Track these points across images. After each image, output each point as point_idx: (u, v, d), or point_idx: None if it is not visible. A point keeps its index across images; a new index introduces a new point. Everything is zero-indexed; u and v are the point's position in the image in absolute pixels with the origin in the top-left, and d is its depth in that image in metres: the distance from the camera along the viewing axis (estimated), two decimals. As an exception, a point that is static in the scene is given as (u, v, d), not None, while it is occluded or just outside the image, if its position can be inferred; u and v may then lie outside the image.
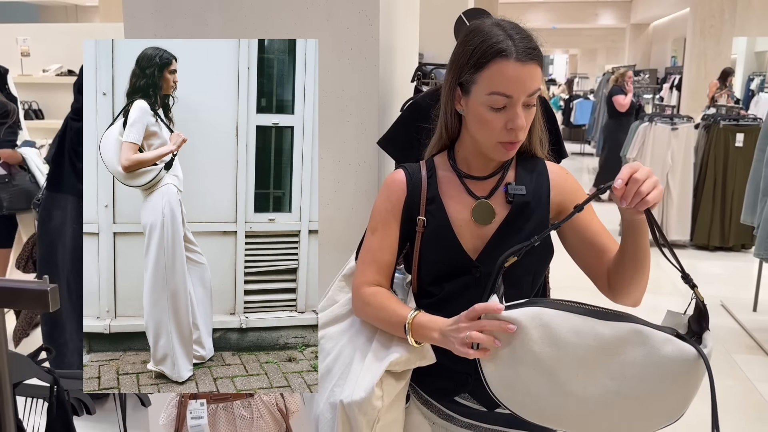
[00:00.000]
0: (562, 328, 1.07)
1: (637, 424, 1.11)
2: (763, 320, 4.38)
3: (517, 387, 1.11)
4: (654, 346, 1.05)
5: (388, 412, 1.27)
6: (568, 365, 1.07)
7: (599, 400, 1.08)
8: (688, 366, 1.05)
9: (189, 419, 1.70)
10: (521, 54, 1.18)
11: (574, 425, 1.13)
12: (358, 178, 1.99)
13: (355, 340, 1.36)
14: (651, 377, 1.06)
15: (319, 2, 1.91)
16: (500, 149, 1.25)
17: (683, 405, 1.09)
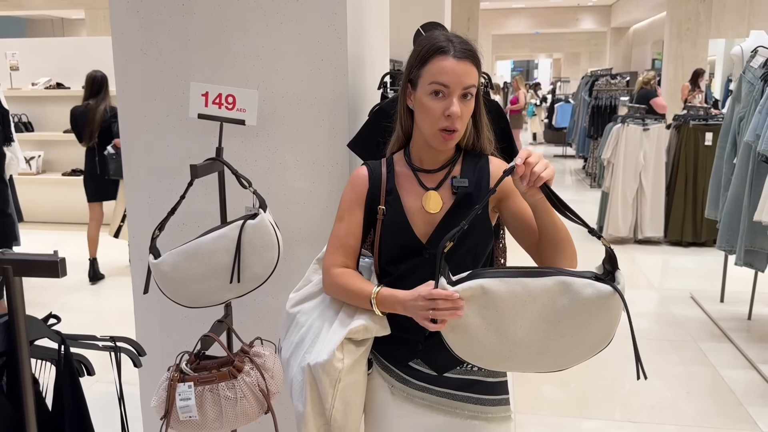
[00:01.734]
0: (501, 292, 1.26)
1: (576, 354, 1.31)
2: (729, 310, 4.58)
3: (474, 346, 1.29)
4: (577, 292, 1.24)
5: (348, 374, 1.45)
6: (511, 320, 1.26)
7: (542, 342, 1.27)
8: (606, 301, 1.24)
9: (178, 401, 1.84)
10: (458, 53, 1.40)
11: (527, 365, 1.33)
12: (330, 178, 2.16)
13: (324, 313, 1.55)
14: (579, 317, 1.25)
15: (291, 18, 2.08)
16: (440, 137, 1.44)
17: (610, 332, 1.30)
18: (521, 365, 1.34)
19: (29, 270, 0.96)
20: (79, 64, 7.40)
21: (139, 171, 2.26)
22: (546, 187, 1.29)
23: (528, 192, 1.31)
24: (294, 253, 2.17)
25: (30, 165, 7.21)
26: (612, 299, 1.25)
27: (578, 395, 3.47)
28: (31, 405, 1.00)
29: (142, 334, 2.33)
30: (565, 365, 1.33)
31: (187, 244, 1.83)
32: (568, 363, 1.32)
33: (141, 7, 2.15)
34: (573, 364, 1.33)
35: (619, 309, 1.26)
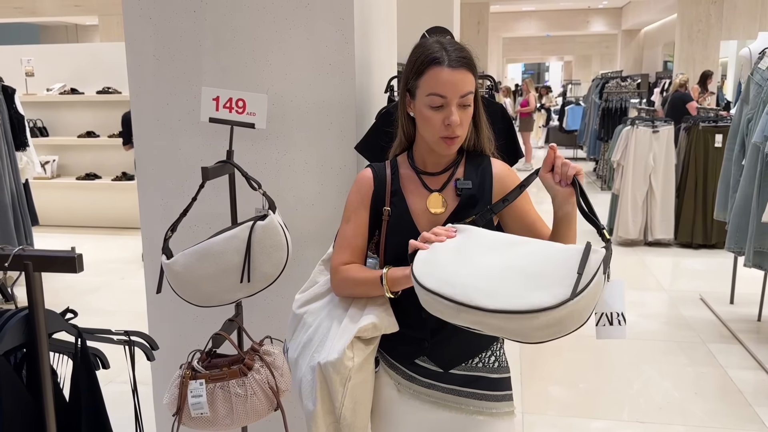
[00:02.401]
0: (484, 232, 1.35)
1: (512, 293, 1.18)
2: (738, 312, 4.58)
3: (433, 264, 1.30)
4: (551, 245, 1.29)
5: (358, 372, 1.49)
6: (479, 251, 1.30)
7: (489, 270, 1.24)
8: (574, 251, 1.21)
9: (190, 398, 1.89)
10: (453, 62, 1.43)
11: (459, 285, 1.23)
12: (338, 180, 2.21)
13: (332, 313, 1.59)
14: (537, 257, 1.25)
15: (300, 24, 2.13)
16: (442, 144, 1.48)
17: (561, 285, 1.16)
18: (474, 297, 1.20)
19: (48, 265, 1.01)
20: (93, 70, 7.51)
21: (152, 173, 2.31)
22: (577, 183, 1.34)
23: (560, 194, 1.37)
24: (303, 253, 2.21)
25: (45, 169, 7.31)
26: (580, 248, 1.20)
27: (586, 395, 3.49)
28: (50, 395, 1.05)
29: (155, 332, 2.38)
30: (502, 305, 1.17)
31: (199, 245, 1.88)
32: (505, 303, 1.17)
33: (153, 14, 2.21)
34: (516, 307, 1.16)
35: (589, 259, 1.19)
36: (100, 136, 7.48)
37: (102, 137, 7.46)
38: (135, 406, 1.50)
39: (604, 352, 4.04)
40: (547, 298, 1.15)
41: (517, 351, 3.97)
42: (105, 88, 7.41)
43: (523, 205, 1.53)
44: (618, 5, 18.03)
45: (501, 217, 1.56)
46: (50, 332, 1.16)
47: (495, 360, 1.60)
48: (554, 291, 1.16)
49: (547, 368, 3.84)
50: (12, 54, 7.53)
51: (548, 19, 19.28)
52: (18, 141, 5.42)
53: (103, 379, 1.43)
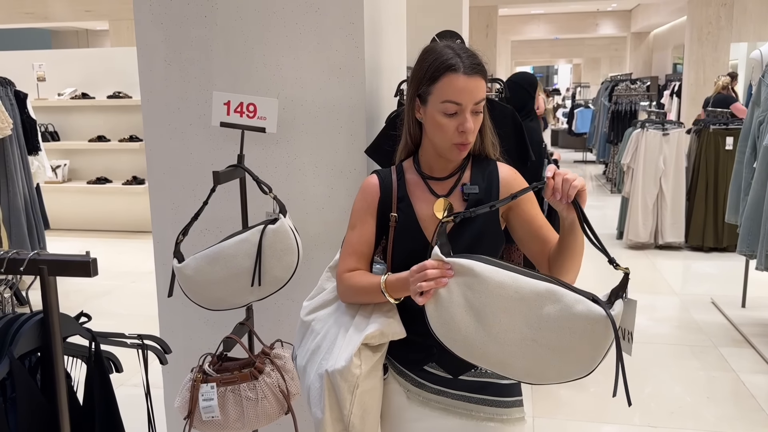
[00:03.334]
0: (490, 279, 1.25)
1: (551, 373, 1.26)
2: (750, 315, 4.54)
3: (451, 325, 1.26)
4: (567, 304, 1.21)
5: (366, 380, 1.48)
6: (492, 311, 1.24)
7: (518, 345, 1.25)
8: (595, 324, 1.20)
9: (201, 401, 1.89)
10: (468, 69, 1.42)
11: (496, 364, 1.28)
12: (349, 184, 2.21)
13: (340, 320, 1.58)
14: (563, 331, 1.22)
15: (310, 28, 2.14)
16: (454, 150, 1.48)
17: (592, 361, 1.25)
18: (490, 362, 1.29)
19: (63, 269, 1.02)
20: (104, 75, 7.56)
21: (163, 177, 2.33)
22: (577, 205, 1.29)
23: (565, 209, 1.32)
24: (313, 257, 2.21)
25: (56, 173, 7.36)
26: (601, 324, 1.19)
27: (597, 400, 3.47)
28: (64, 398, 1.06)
29: (166, 336, 2.39)
30: (537, 380, 1.28)
31: (210, 249, 1.89)
32: (540, 378, 1.28)
33: (165, 19, 2.22)
34: (545, 381, 1.28)
35: (607, 338, 1.21)
36: (110, 140, 7.53)
37: (113, 141, 7.50)
38: (148, 409, 1.50)
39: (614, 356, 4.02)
40: (580, 372, 1.27)
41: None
42: (116, 93, 7.45)
43: (530, 209, 1.53)
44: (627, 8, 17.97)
45: (508, 221, 1.55)
46: (65, 336, 1.16)
47: None
48: (585, 366, 1.26)
49: (557, 372, 3.82)
50: (24, 59, 7.59)
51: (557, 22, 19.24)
52: (30, 145, 5.46)
53: (115, 383, 1.44)
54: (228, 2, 2.17)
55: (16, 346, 1.07)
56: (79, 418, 1.22)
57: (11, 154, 5.00)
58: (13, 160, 5.02)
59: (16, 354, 1.07)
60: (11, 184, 4.98)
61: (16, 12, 12.85)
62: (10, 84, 5.45)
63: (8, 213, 4.96)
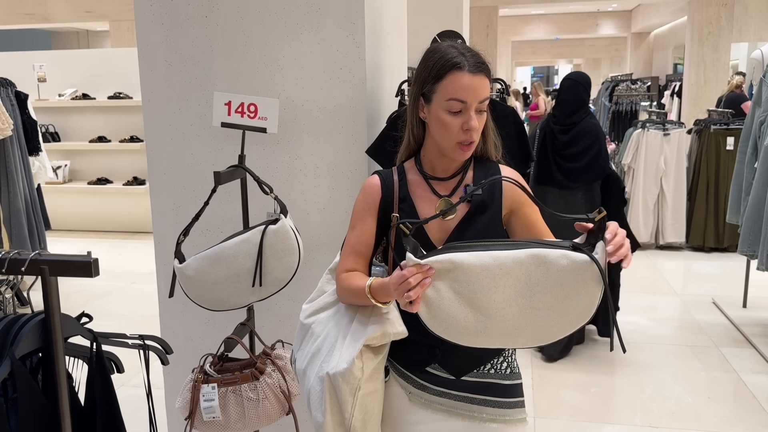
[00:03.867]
0: (471, 265, 1.25)
1: (556, 329, 1.28)
2: (751, 316, 4.54)
3: (449, 322, 1.27)
4: (552, 263, 1.23)
5: (368, 383, 1.47)
6: (484, 295, 1.25)
7: (518, 317, 1.26)
8: (583, 271, 1.22)
9: (202, 402, 1.89)
10: (472, 67, 1.42)
11: (505, 340, 1.30)
12: (349, 184, 2.21)
13: (340, 322, 1.57)
14: (555, 289, 1.23)
15: (311, 29, 2.14)
16: (458, 150, 1.47)
17: (590, 305, 1.25)
18: (498, 341, 1.31)
19: (64, 270, 1.02)
20: (105, 76, 7.57)
21: (164, 178, 2.32)
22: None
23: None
24: (314, 257, 2.21)
25: (57, 174, 7.36)
26: (589, 269, 1.22)
27: (599, 400, 3.46)
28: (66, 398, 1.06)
29: (167, 336, 2.39)
30: (544, 340, 1.30)
31: (211, 249, 1.88)
32: (546, 338, 1.29)
33: (165, 20, 2.22)
34: (552, 339, 1.29)
35: (597, 281, 1.22)
36: (111, 141, 7.53)
37: (113, 142, 7.50)
38: (150, 409, 1.50)
39: (616, 356, 4.02)
40: (583, 319, 1.27)
41: (529, 355, 3.96)
42: (116, 94, 7.46)
43: (531, 214, 1.52)
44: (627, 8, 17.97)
45: (509, 225, 1.54)
46: (66, 336, 1.16)
47: (507, 366, 1.59)
48: (586, 315, 1.26)
49: (558, 372, 3.82)
50: (24, 60, 7.59)
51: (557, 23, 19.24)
52: (31, 146, 5.47)
53: (116, 383, 1.44)
54: (229, 3, 2.17)
55: (18, 346, 1.07)
56: (80, 419, 1.22)
57: (12, 154, 5.01)
58: (14, 161, 5.02)
59: (17, 354, 1.07)
60: (12, 184, 4.98)
61: (17, 13, 12.86)
62: (11, 85, 5.45)
63: (9, 213, 4.96)
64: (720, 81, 11.05)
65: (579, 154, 3.75)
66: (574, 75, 3.93)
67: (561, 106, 3.88)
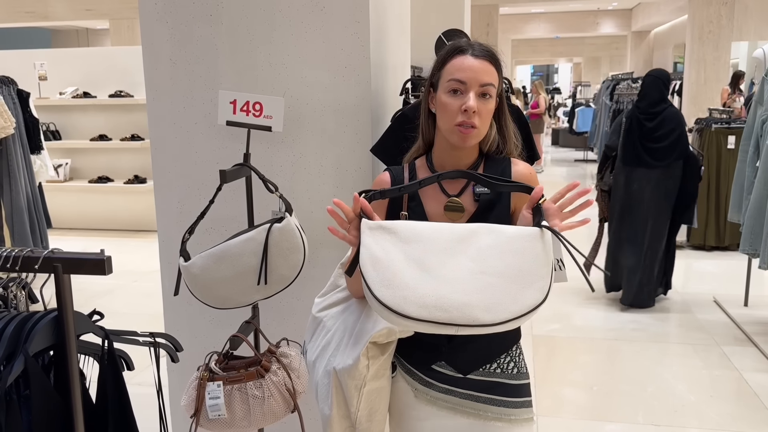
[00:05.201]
0: (423, 228, 1.29)
1: (509, 304, 1.23)
2: (753, 314, 4.55)
3: (394, 282, 1.23)
4: (500, 231, 1.28)
5: (373, 380, 1.48)
6: (434, 255, 1.26)
7: (468, 281, 1.24)
8: (532, 240, 1.26)
9: (207, 399, 1.89)
10: (476, 51, 1.46)
11: (457, 308, 1.22)
12: (354, 183, 2.21)
13: (348, 318, 1.59)
14: (504, 255, 1.25)
15: (315, 27, 2.14)
16: (458, 133, 1.47)
17: (543, 279, 1.25)
18: (453, 308, 1.22)
19: (78, 268, 1.03)
20: (105, 74, 7.57)
21: (169, 176, 2.33)
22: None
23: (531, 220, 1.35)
24: (319, 255, 2.22)
25: (58, 172, 7.36)
26: (536, 238, 1.26)
27: (600, 398, 3.47)
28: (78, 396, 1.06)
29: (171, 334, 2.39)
30: (501, 315, 1.23)
31: (216, 247, 1.89)
32: (503, 312, 1.23)
33: (170, 18, 2.23)
34: (509, 315, 1.23)
35: (547, 250, 1.25)
36: (112, 139, 7.53)
37: (114, 140, 7.50)
38: (160, 406, 1.51)
39: (617, 355, 4.03)
40: (537, 295, 1.24)
41: (531, 353, 3.97)
42: (117, 92, 7.45)
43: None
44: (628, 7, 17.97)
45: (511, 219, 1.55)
46: (78, 334, 1.17)
47: (514, 366, 1.59)
48: (538, 285, 1.25)
49: (560, 371, 3.83)
50: (25, 58, 7.59)
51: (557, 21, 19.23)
52: (32, 144, 5.46)
53: (123, 380, 1.45)
54: (233, 1, 2.17)
55: (31, 343, 1.08)
56: (92, 416, 1.23)
57: (14, 153, 5.01)
58: (16, 159, 5.02)
59: (30, 352, 1.08)
60: (14, 183, 4.99)
61: (17, 11, 12.85)
62: (13, 83, 5.45)
63: (11, 211, 4.96)
64: (720, 80, 11.06)
65: (664, 137, 4.41)
66: (654, 72, 4.61)
67: (645, 98, 4.54)
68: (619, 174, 4.62)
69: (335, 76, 2.16)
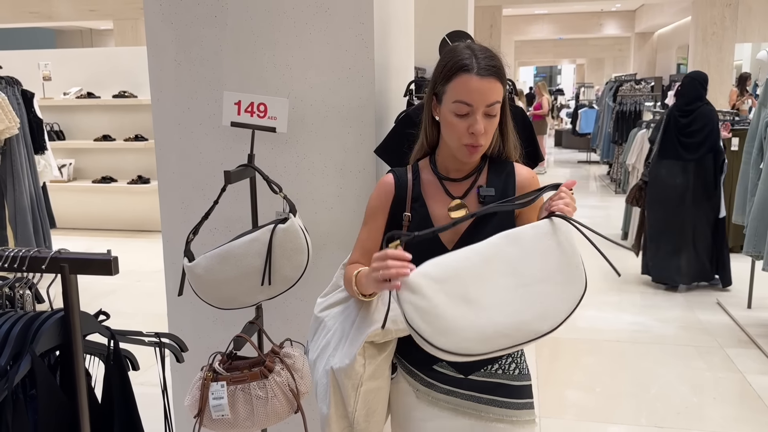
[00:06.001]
0: (448, 260, 1.28)
1: (558, 304, 1.27)
2: (756, 316, 4.54)
3: (450, 328, 1.24)
4: (521, 236, 1.28)
5: (370, 380, 1.49)
6: (473, 285, 1.24)
7: (514, 300, 1.25)
8: (549, 235, 1.27)
9: (211, 399, 1.90)
10: (482, 70, 1.42)
11: (515, 331, 1.24)
12: (358, 184, 2.21)
13: (347, 318, 1.60)
14: (533, 258, 1.26)
15: (320, 29, 2.14)
16: (464, 151, 1.48)
17: (576, 267, 1.28)
18: (512, 333, 1.25)
19: (85, 268, 1.03)
20: (109, 74, 7.58)
21: (173, 177, 2.33)
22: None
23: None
24: (322, 256, 2.22)
25: (61, 173, 7.38)
26: (555, 226, 1.27)
27: (604, 400, 3.47)
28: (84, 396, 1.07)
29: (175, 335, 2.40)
30: (558, 317, 1.27)
31: (221, 248, 1.89)
32: (559, 314, 1.26)
33: (175, 19, 2.23)
34: (564, 314, 1.27)
35: (568, 236, 1.27)
36: (116, 139, 7.54)
37: (118, 141, 7.52)
38: (165, 406, 1.52)
39: (621, 356, 4.03)
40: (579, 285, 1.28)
41: (534, 355, 3.97)
42: (121, 92, 7.47)
43: (533, 214, 1.52)
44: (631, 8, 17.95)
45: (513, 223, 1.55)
46: (84, 334, 1.17)
47: (516, 367, 1.59)
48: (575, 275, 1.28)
49: (564, 372, 3.82)
50: (30, 58, 7.61)
51: (561, 22, 19.22)
52: (36, 144, 5.48)
53: (127, 379, 1.45)
54: (238, 2, 2.18)
55: (38, 343, 1.08)
56: (97, 416, 1.23)
57: (18, 153, 5.02)
58: (20, 159, 5.03)
59: (37, 352, 1.09)
60: (18, 183, 5.00)
61: (21, 11, 12.89)
62: (17, 83, 5.46)
63: (15, 211, 4.97)
64: (724, 81, 11.04)
65: (697, 132, 4.90)
66: (692, 74, 5.13)
67: (682, 97, 5.05)
68: (657, 166, 5.06)
69: (339, 78, 2.16)
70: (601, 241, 1.29)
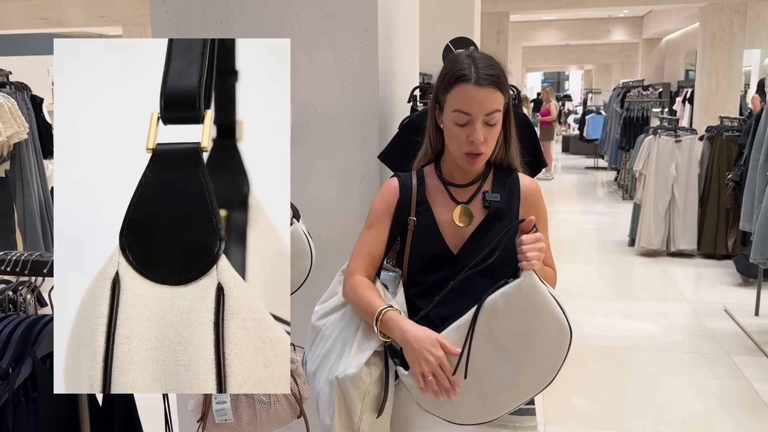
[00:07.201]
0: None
1: (548, 359, 1.43)
2: (763, 323, 4.51)
3: (455, 402, 1.43)
4: (496, 310, 1.37)
5: (376, 387, 1.48)
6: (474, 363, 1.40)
7: (508, 374, 1.40)
8: (526, 293, 1.36)
9: (214, 404, 1.90)
10: (480, 80, 1.43)
11: (515, 395, 1.45)
12: (362, 189, 2.22)
13: (350, 325, 1.58)
14: (518, 326, 1.37)
15: (324, 35, 2.16)
16: (465, 160, 1.49)
17: (557, 311, 1.39)
18: (516, 400, 1.43)
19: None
20: (118, 80, 7.63)
21: (178, 182, 2.34)
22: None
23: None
24: (326, 261, 2.22)
25: (70, 177, 7.41)
26: (522, 285, 1.35)
27: (609, 407, 3.46)
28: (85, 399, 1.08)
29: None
30: (546, 376, 1.43)
31: (224, 252, 1.90)
32: (545, 375, 1.43)
33: (181, 25, 2.25)
34: (551, 372, 1.44)
35: (538, 286, 1.35)
36: (124, 144, 7.58)
37: (126, 146, 7.55)
38: (165, 410, 1.52)
39: (626, 364, 4.01)
40: (563, 329, 1.44)
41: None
42: (129, 98, 7.51)
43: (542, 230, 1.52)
44: (639, 14, 17.93)
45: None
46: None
47: None
48: (558, 320, 1.42)
49: (569, 379, 3.81)
50: (39, 64, 7.68)
51: (568, 28, 19.21)
52: (45, 149, 5.51)
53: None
54: (243, 9, 2.20)
55: (39, 347, 1.09)
56: (98, 420, 1.24)
57: (27, 158, 5.05)
58: (29, 164, 5.07)
59: (38, 355, 1.10)
60: (27, 187, 5.03)
61: (31, 18, 13.00)
62: (27, 89, 5.50)
63: (24, 216, 5.00)
64: (732, 87, 11.00)
65: None
66: None
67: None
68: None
69: (343, 84, 2.17)
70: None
